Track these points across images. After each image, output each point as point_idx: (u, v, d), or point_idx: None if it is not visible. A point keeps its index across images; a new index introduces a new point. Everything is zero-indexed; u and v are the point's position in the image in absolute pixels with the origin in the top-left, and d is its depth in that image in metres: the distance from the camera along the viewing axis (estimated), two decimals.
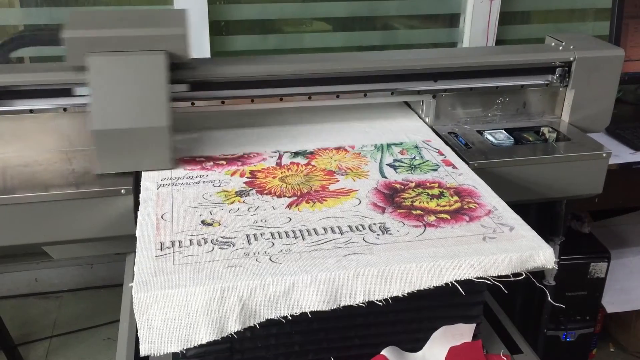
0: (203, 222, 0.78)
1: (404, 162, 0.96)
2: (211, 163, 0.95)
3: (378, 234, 0.75)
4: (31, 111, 0.97)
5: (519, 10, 1.86)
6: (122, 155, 0.91)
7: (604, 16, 1.89)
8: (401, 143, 1.04)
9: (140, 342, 0.63)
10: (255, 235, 0.75)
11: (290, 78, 1.04)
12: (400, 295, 0.68)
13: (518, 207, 0.82)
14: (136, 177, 0.92)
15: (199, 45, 1.59)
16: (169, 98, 0.91)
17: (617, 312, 1.66)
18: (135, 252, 0.71)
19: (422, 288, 0.69)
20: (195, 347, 0.65)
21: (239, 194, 0.86)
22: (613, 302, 1.63)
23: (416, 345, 0.79)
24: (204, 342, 0.64)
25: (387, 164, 0.96)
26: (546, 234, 1.19)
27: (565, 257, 1.49)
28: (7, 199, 0.87)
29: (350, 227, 0.77)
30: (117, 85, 0.89)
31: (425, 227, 0.77)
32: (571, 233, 1.59)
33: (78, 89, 0.95)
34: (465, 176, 0.91)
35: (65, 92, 0.95)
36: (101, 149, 0.90)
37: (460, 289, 0.69)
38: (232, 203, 0.83)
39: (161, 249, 0.71)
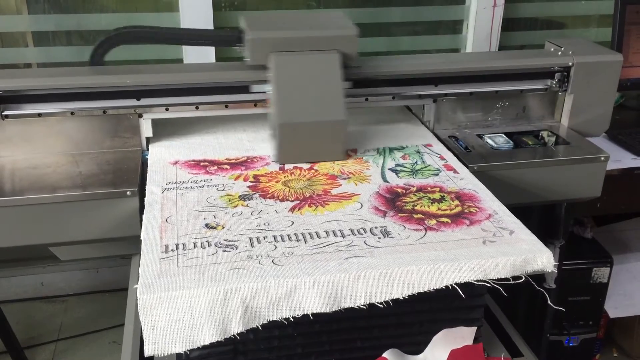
0: (207, 225, 0.79)
1: (406, 167, 0.97)
2: (215, 167, 0.97)
3: (379, 237, 0.76)
4: (39, 115, 0.98)
5: (522, 17, 1.87)
6: (301, 148, 0.96)
7: (606, 23, 1.90)
8: (403, 148, 1.05)
9: (144, 343, 0.64)
10: (258, 238, 0.76)
11: None
12: (401, 298, 0.69)
13: (518, 210, 0.83)
14: (141, 179, 0.94)
15: (205, 51, 1.61)
16: (344, 94, 0.97)
17: (620, 317, 1.66)
18: (140, 253, 0.72)
19: (422, 290, 0.69)
20: (198, 348, 0.66)
21: (243, 197, 0.87)
22: (616, 307, 1.63)
23: (417, 347, 0.80)
24: (207, 343, 0.65)
25: (389, 169, 0.97)
26: (546, 237, 1.20)
27: (567, 262, 1.49)
28: (16, 200, 0.88)
29: (351, 230, 0.78)
30: (298, 82, 0.96)
31: (426, 230, 0.78)
32: (574, 238, 1.60)
33: (255, 86, 1.02)
34: (466, 181, 0.92)
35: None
36: (283, 141, 0.96)
37: (461, 292, 0.70)
38: (235, 207, 0.84)
39: (165, 252, 0.72)
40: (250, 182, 0.92)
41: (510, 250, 0.73)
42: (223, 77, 1.03)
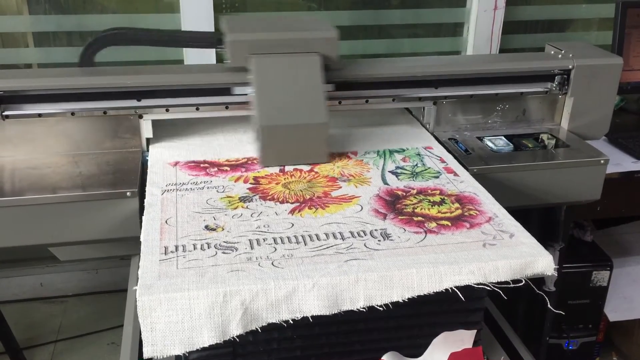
0: (207, 227, 0.79)
1: (406, 169, 0.97)
2: (215, 169, 0.96)
3: (379, 240, 0.76)
4: (40, 115, 0.98)
5: (522, 20, 1.88)
6: (284, 150, 0.96)
7: (607, 26, 1.90)
8: (403, 150, 1.05)
9: (143, 345, 0.64)
10: (258, 240, 0.76)
11: None
12: (401, 301, 0.69)
13: (518, 213, 0.83)
14: (141, 180, 0.94)
15: (206, 52, 1.61)
16: (326, 96, 0.97)
17: (620, 321, 1.66)
18: (139, 254, 0.72)
19: (422, 293, 0.69)
20: (197, 350, 0.66)
21: (243, 199, 0.87)
22: (616, 310, 1.63)
23: (417, 351, 0.80)
24: (206, 345, 0.65)
25: (389, 171, 0.97)
26: (546, 240, 1.20)
27: (567, 265, 1.49)
28: (16, 200, 0.88)
29: (351, 233, 0.78)
30: (279, 84, 0.96)
31: (426, 233, 0.78)
32: (574, 241, 1.60)
33: (237, 88, 1.02)
34: (466, 183, 0.92)
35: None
36: (265, 144, 0.95)
37: (461, 295, 0.70)
38: (235, 208, 0.84)
39: (165, 253, 0.72)
40: (250, 184, 0.92)
41: (510, 254, 0.73)
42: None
